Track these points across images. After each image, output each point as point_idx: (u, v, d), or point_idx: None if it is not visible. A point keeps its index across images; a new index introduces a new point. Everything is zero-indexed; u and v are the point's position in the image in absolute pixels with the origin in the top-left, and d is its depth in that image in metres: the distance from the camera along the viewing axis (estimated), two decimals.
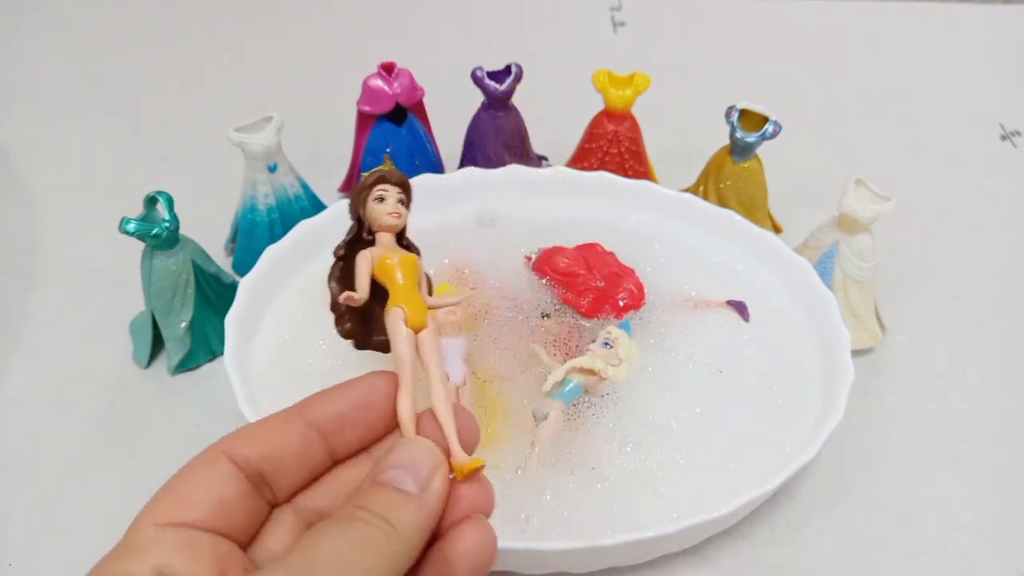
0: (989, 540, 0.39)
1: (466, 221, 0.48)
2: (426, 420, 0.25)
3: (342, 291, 0.27)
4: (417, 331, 0.27)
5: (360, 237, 0.29)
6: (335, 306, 0.28)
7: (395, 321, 0.26)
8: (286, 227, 0.45)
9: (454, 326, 0.40)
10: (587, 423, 0.38)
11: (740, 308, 0.42)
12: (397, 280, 0.27)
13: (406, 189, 0.29)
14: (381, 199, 0.28)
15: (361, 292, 0.27)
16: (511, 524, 0.35)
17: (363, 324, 0.29)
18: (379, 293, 0.28)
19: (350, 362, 0.41)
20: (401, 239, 0.29)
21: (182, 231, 0.42)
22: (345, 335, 0.28)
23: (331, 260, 0.29)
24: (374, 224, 0.28)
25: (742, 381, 0.41)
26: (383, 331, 0.27)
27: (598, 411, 0.39)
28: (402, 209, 0.29)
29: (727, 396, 0.40)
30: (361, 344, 0.29)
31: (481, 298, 0.44)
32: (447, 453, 0.24)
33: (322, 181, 0.53)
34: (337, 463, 0.26)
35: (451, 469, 0.24)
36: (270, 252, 0.43)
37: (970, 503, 0.40)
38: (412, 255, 0.29)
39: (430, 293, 0.30)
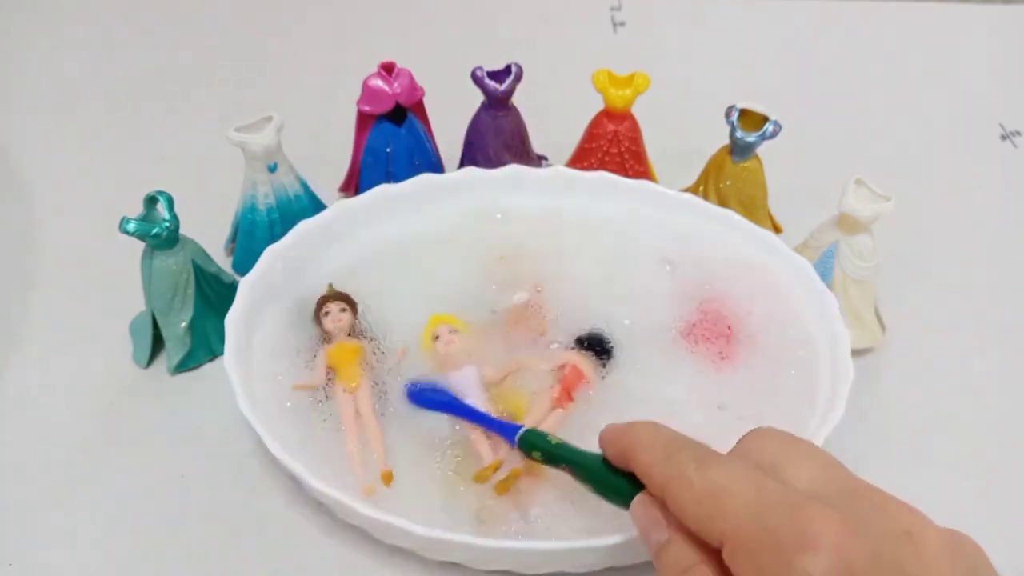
0: (989, 540, 0.39)
1: (468, 220, 0.48)
2: None
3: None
4: (354, 392, 0.40)
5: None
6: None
7: (338, 392, 0.40)
8: (286, 227, 0.45)
9: (461, 354, 0.41)
10: (588, 424, 0.39)
11: None
12: (341, 363, 0.41)
13: (346, 299, 0.43)
14: (327, 313, 0.42)
15: (318, 380, 0.40)
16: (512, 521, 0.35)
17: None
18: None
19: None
20: (352, 328, 0.42)
21: (182, 231, 0.42)
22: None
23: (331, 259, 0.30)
24: (325, 330, 0.42)
25: (742, 381, 0.41)
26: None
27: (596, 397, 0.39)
28: (342, 315, 0.42)
29: (726, 395, 0.40)
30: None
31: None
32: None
33: (322, 181, 0.53)
34: None
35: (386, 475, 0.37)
36: (270, 252, 0.43)
37: (970, 503, 0.40)
38: (355, 343, 0.42)
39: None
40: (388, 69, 0.50)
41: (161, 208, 0.41)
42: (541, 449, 0.34)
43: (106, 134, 0.62)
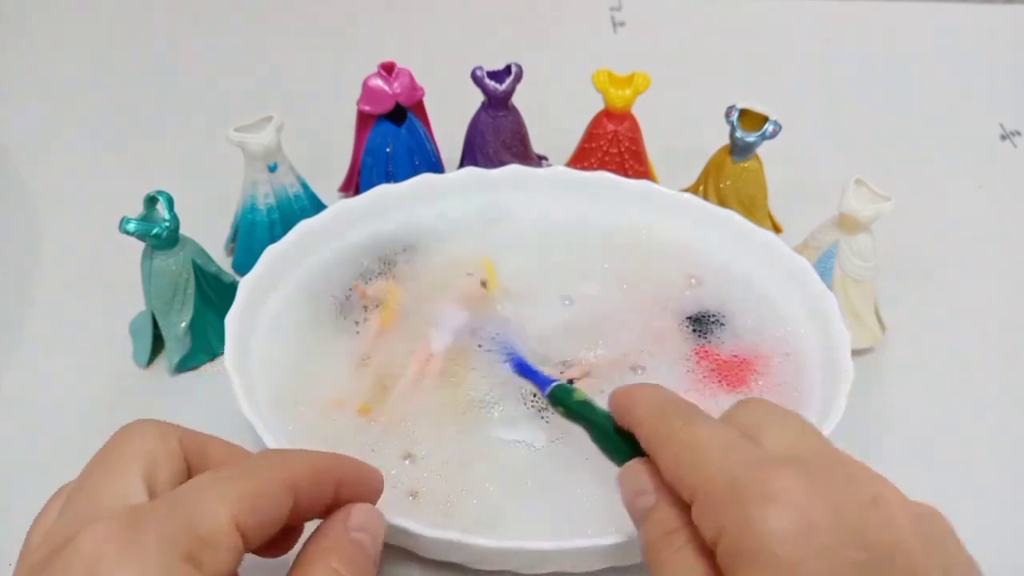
0: (989, 540, 0.39)
1: (468, 219, 0.48)
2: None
3: None
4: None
5: None
6: None
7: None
8: (286, 227, 0.45)
9: (479, 298, 0.43)
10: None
11: None
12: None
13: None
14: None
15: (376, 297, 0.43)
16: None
17: None
18: None
19: (349, 362, 0.41)
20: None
21: (182, 231, 0.42)
22: None
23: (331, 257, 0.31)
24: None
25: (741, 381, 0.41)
26: None
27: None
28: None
29: (727, 396, 0.40)
30: None
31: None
32: None
33: (322, 181, 0.53)
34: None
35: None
36: (270, 252, 0.43)
37: (970, 503, 0.40)
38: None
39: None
40: (388, 69, 0.50)
41: (161, 208, 0.41)
42: (565, 405, 0.35)
43: (106, 134, 0.63)
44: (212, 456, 0.28)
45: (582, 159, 0.53)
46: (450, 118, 0.53)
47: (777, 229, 0.53)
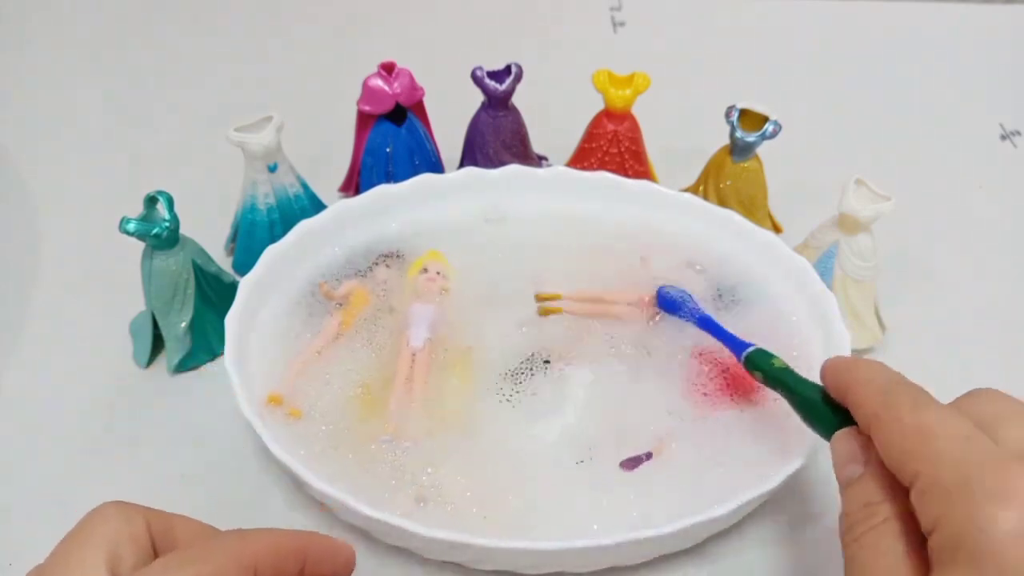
0: None
1: (467, 219, 0.48)
2: None
3: None
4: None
5: None
6: None
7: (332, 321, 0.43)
8: (286, 227, 0.45)
9: (430, 292, 0.44)
10: (585, 418, 0.39)
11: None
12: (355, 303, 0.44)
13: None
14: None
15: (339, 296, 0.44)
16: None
17: None
18: None
19: (349, 363, 0.41)
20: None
21: (182, 231, 0.42)
22: None
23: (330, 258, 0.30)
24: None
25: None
26: None
27: (599, 405, 0.39)
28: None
29: (727, 396, 0.40)
30: None
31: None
32: None
33: (322, 181, 0.53)
34: None
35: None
36: (270, 252, 0.43)
37: None
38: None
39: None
40: (388, 69, 0.50)
41: (161, 208, 0.41)
42: (763, 370, 0.36)
43: (106, 134, 0.62)
44: (179, 535, 0.28)
45: (582, 159, 0.53)
46: (450, 118, 0.53)
47: (777, 229, 0.53)
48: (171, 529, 0.28)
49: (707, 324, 0.41)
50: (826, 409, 0.32)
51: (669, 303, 0.43)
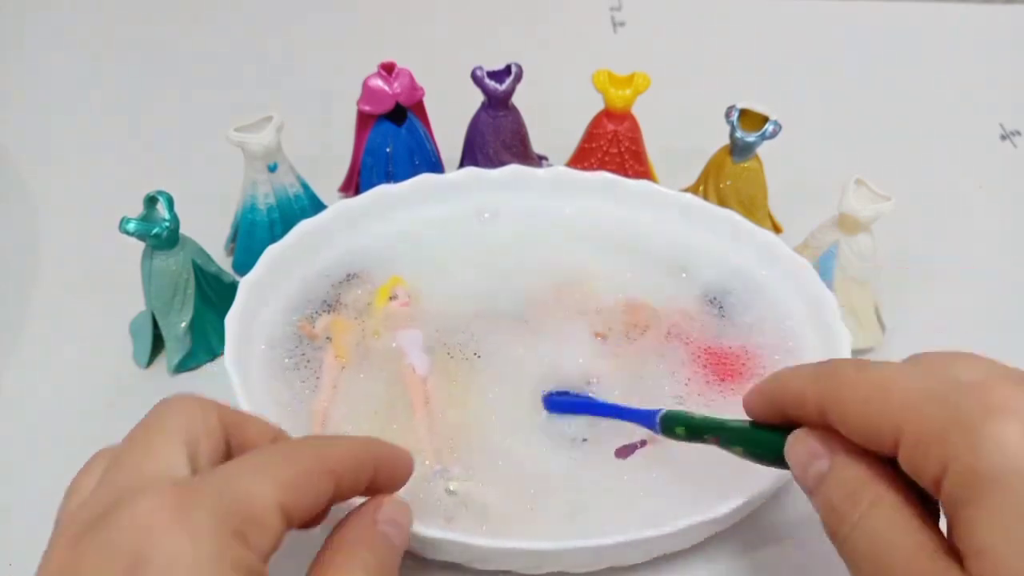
0: None
1: (467, 219, 0.48)
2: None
3: None
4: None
5: None
6: None
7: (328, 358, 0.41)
8: (286, 227, 0.45)
9: (407, 317, 0.43)
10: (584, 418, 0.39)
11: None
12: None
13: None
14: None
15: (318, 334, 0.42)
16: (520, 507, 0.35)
17: None
18: None
19: (349, 361, 0.41)
20: None
21: (182, 231, 0.42)
22: None
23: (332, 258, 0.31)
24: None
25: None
26: None
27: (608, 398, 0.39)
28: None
29: (725, 395, 0.40)
30: None
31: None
32: None
33: (322, 181, 0.53)
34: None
35: None
36: (270, 252, 0.43)
37: None
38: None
39: None
40: (388, 69, 0.50)
41: (161, 208, 0.41)
42: (684, 424, 0.34)
43: (106, 134, 0.62)
44: (250, 434, 0.28)
45: (582, 159, 0.53)
46: (450, 118, 0.53)
47: (777, 229, 0.53)
48: (243, 426, 0.28)
49: (605, 409, 0.39)
50: (766, 434, 0.30)
51: (556, 406, 0.40)
